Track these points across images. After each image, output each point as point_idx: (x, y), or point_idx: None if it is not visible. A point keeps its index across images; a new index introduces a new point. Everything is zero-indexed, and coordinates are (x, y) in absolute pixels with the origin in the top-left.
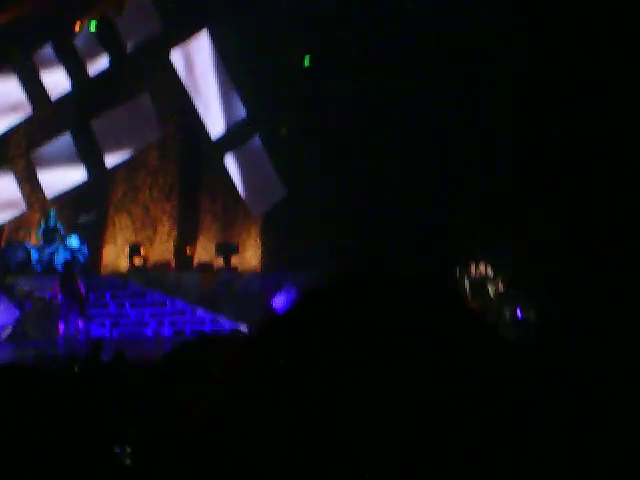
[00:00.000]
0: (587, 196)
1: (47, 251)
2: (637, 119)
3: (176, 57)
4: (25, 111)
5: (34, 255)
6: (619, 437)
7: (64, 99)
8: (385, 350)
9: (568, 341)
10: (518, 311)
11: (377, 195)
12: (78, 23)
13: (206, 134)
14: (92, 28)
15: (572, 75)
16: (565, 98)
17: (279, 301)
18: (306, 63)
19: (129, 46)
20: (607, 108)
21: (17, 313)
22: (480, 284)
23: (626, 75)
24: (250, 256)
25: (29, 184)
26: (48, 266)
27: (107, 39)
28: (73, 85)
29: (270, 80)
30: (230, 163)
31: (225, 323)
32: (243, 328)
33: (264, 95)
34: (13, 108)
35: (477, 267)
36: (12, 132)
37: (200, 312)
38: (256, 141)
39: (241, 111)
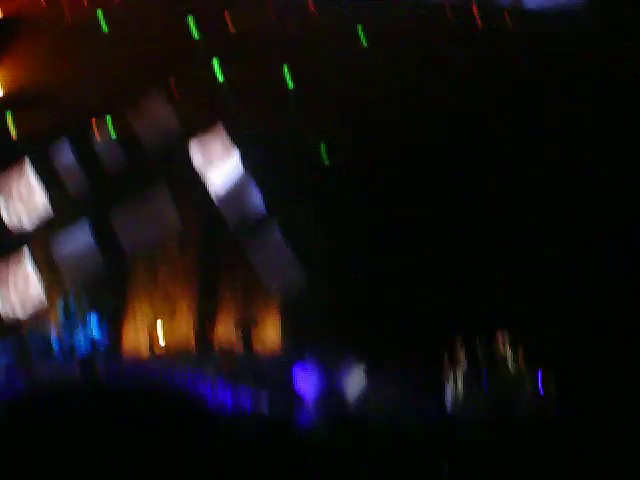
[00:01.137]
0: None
1: (66, 338)
2: None
3: (195, 147)
4: (43, 203)
5: (54, 342)
6: None
7: (82, 189)
8: None
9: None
10: (539, 386)
11: (394, 276)
12: (95, 121)
13: (225, 222)
14: (109, 124)
15: None
16: None
17: (300, 381)
18: (324, 159)
19: (147, 136)
20: None
21: None
22: (500, 360)
23: None
24: (270, 336)
25: (49, 272)
26: (69, 354)
27: (125, 133)
28: (91, 176)
29: (288, 170)
30: (249, 250)
31: (245, 401)
32: (264, 408)
33: (281, 185)
34: (32, 200)
35: (497, 343)
36: (31, 222)
37: (220, 391)
38: (274, 229)
39: (259, 200)
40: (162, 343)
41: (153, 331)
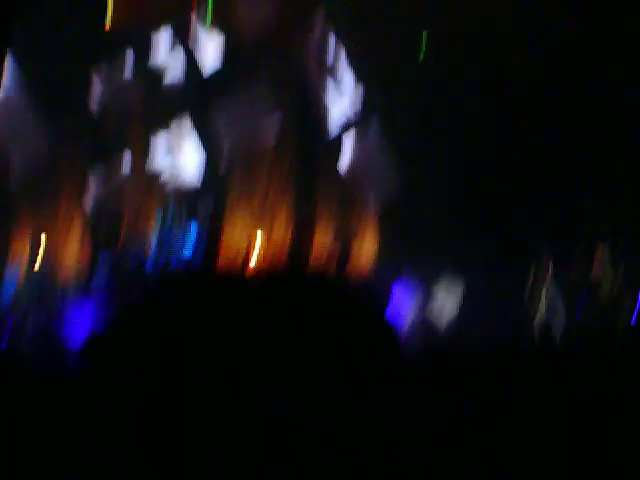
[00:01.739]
0: None
1: (161, 261)
2: None
3: (296, 41)
4: (141, 97)
5: (148, 265)
6: None
7: (183, 85)
8: None
9: None
10: (634, 316)
11: (493, 183)
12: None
13: (325, 125)
14: (208, 21)
15: None
16: None
17: (397, 298)
18: (420, 58)
19: (246, 35)
20: None
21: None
22: (596, 284)
23: None
24: (366, 250)
25: (146, 171)
26: (161, 278)
27: (223, 26)
28: (190, 71)
29: (387, 70)
30: (347, 153)
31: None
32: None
33: (382, 85)
34: (127, 95)
35: (596, 261)
36: (129, 120)
37: None
38: (374, 133)
39: (360, 102)
40: (258, 254)
41: (251, 240)
